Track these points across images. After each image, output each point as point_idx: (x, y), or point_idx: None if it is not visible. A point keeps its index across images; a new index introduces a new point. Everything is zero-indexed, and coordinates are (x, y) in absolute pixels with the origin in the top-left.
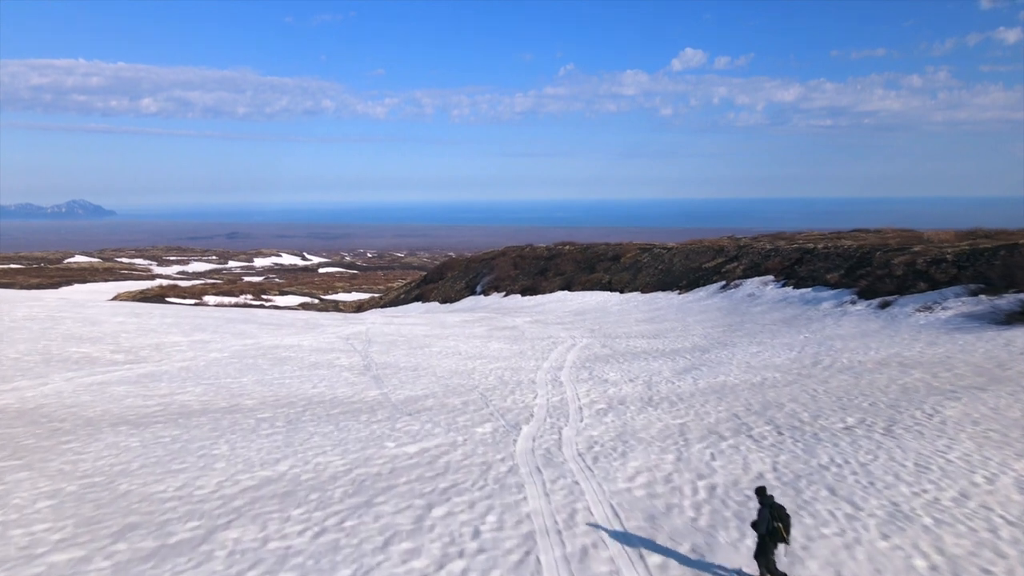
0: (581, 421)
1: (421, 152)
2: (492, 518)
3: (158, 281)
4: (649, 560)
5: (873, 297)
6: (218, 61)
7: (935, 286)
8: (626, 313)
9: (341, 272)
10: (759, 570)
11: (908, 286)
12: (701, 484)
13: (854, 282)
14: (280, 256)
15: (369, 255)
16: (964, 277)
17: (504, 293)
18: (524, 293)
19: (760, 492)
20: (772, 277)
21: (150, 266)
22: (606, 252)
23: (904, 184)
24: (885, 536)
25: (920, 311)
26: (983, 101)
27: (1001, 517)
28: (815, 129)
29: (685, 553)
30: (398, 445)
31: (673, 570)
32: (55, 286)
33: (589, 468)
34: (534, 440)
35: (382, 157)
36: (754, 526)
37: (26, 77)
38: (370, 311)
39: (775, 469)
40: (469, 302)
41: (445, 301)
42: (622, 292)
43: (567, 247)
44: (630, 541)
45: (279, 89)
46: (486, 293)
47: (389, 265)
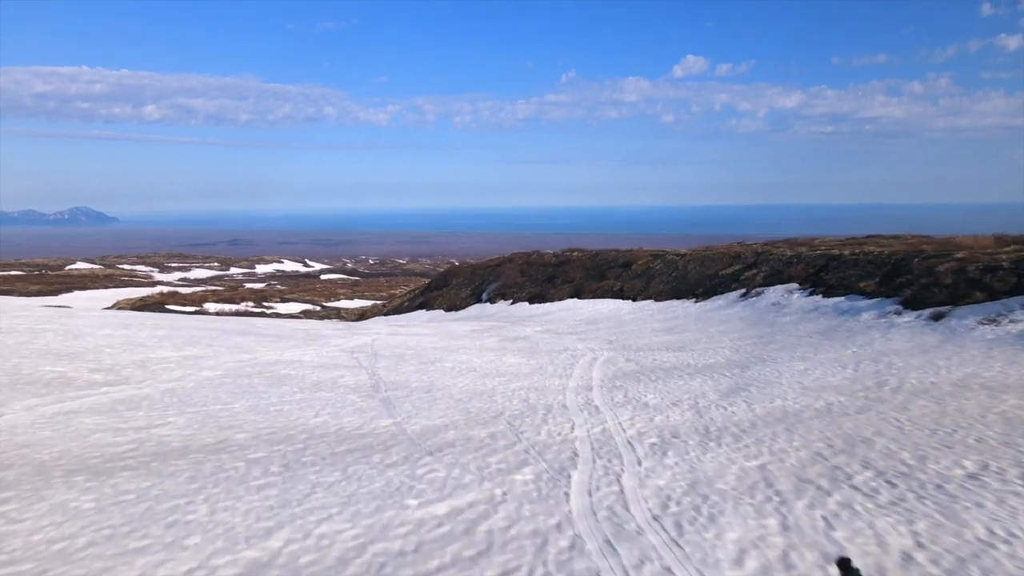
0: (639, 464)
1: (423, 159)
2: None
3: (159, 288)
4: None
5: (921, 307)
6: (221, 68)
7: (994, 296)
8: (641, 322)
9: (343, 279)
10: None
11: (961, 296)
12: (835, 574)
13: (894, 291)
14: (282, 263)
15: (371, 262)
16: None
17: (511, 301)
18: (532, 301)
19: (843, 565)
20: (796, 285)
21: (151, 273)
22: (616, 259)
23: (905, 190)
24: None
25: (984, 324)
26: (984, 107)
27: None
28: (816, 135)
29: None
30: (422, 504)
31: None
32: (55, 293)
33: (675, 543)
34: (591, 495)
35: (384, 164)
36: None
37: (30, 84)
38: (373, 319)
39: (920, 546)
40: (475, 310)
41: (450, 309)
42: (635, 300)
43: (575, 254)
44: None
45: (282, 96)
46: (492, 301)
47: (391, 272)
